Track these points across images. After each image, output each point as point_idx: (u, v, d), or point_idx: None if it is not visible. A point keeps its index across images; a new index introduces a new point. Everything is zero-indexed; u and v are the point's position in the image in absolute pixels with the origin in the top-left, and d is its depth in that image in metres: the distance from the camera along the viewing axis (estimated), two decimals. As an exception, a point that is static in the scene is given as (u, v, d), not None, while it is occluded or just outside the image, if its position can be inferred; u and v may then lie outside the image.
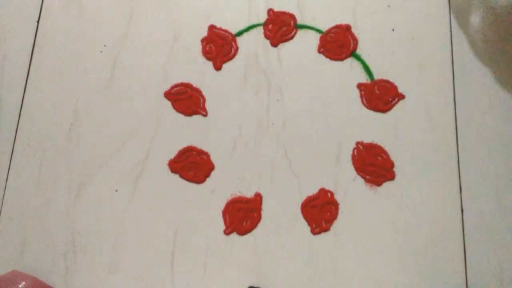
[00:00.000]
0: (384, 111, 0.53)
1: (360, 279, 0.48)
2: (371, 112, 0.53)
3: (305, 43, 0.55)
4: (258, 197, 0.51)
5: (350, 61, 0.54)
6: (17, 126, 0.54)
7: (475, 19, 0.44)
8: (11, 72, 0.56)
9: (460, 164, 0.51)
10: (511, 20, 0.54)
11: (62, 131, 0.54)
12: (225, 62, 0.55)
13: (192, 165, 0.52)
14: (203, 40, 0.56)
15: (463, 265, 0.48)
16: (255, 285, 0.48)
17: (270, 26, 0.56)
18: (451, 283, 0.48)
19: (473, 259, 0.48)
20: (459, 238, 0.49)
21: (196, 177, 0.52)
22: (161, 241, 0.50)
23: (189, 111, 0.54)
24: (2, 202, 0.52)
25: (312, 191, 0.51)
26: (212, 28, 0.56)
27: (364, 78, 0.54)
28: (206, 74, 0.55)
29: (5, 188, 0.53)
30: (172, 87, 0.55)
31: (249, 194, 0.51)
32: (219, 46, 0.55)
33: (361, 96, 0.53)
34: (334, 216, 0.50)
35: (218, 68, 0.55)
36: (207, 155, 0.52)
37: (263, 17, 0.56)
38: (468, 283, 0.48)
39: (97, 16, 0.57)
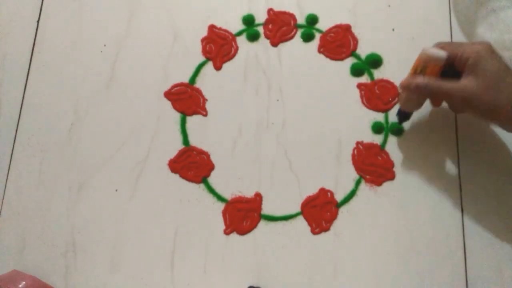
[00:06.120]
0: (384, 111, 0.53)
1: (360, 279, 0.48)
2: (371, 112, 0.53)
3: (305, 43, 0.55)
4: (258, 197, 0.51)
5: (350, 61, 0.54)
6: (17, 126, 0.54)
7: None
8: (11, 72, 0.56)
9: (460, 164, 0.51)
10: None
11: (62, 131, 0.54)
12: (225, 62, 0.55)
13: (192, 165, 0.52)
14: (203, 40, 0.56)
15: (463, 265, 0.48)
16: (255, 285, 0.48)
17: (270, 26, 0.56)
18: (451, 283, 0.48)
19: (473, 259, 0.48)
20: (459, 238, 0.49)
21: (196, 177, 0.52)
22: (161, 241, 0.50)
23: (189, 111, 0.54)
24: (2, 202, 0.52)
25: (312, 191, 0.51)
26: (212, 28, 0.56)
27: (364, 78, 0.54)
28: (206, 74, 0.55)
29: (5, 188, 0.53)
30: (172, 87, 0.55)
31: (249, 194, 0.51)
32: (219, 46, 0.55)
33: (361, 96, 0.53)
34: (334, 216, 0.50)
35: (218, 68, 0.55)
36: (207, 155, 0.52)
37: (263, 17, 0.56)
38: (468, 283, 0.48)
39: (97, 16, 0.57)
